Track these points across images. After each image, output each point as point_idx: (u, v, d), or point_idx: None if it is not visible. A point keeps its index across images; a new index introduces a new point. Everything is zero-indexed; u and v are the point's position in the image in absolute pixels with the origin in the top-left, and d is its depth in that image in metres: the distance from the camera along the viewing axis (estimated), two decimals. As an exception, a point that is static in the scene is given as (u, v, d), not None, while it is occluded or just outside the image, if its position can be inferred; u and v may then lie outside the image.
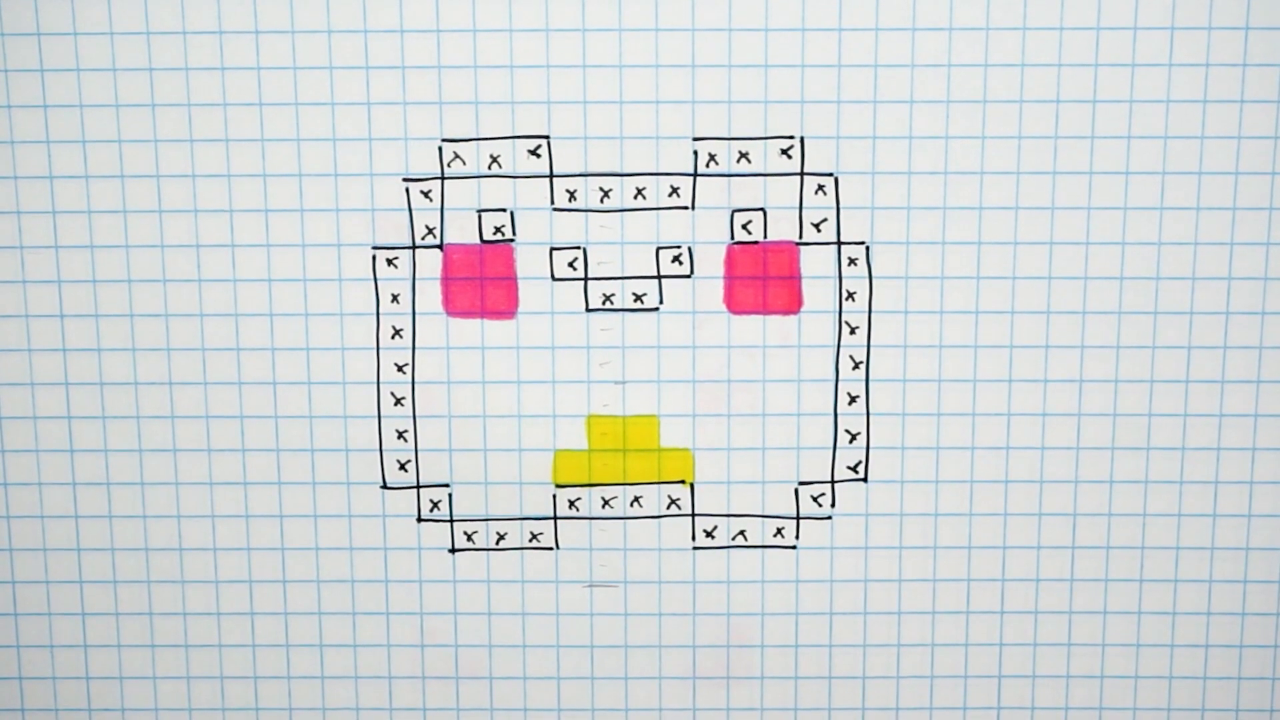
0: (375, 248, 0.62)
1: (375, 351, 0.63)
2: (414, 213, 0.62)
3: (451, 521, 0.66)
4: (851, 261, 0.62)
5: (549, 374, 0.64)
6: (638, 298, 0.63)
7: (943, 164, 0.61)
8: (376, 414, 0.64)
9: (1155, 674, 0.67)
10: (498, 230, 0.62)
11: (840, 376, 0.64)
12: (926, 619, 0.66)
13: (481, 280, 0.63)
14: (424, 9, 0.60)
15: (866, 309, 0.63)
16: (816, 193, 0.62)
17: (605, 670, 0.67)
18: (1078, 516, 0.65)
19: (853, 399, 0.64)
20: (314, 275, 0.63)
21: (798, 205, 0.62)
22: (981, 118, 0.61)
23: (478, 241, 0.62)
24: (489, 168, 0.62)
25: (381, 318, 0.63)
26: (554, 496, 0.65)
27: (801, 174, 0.61)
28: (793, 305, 0.63)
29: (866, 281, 0.62)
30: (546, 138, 0.61)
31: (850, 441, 0.64)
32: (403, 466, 0.65)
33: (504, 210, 0.62)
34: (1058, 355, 0.63)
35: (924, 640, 0.67)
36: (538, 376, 0.64)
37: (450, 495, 0.65)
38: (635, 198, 0.62)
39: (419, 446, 0.65)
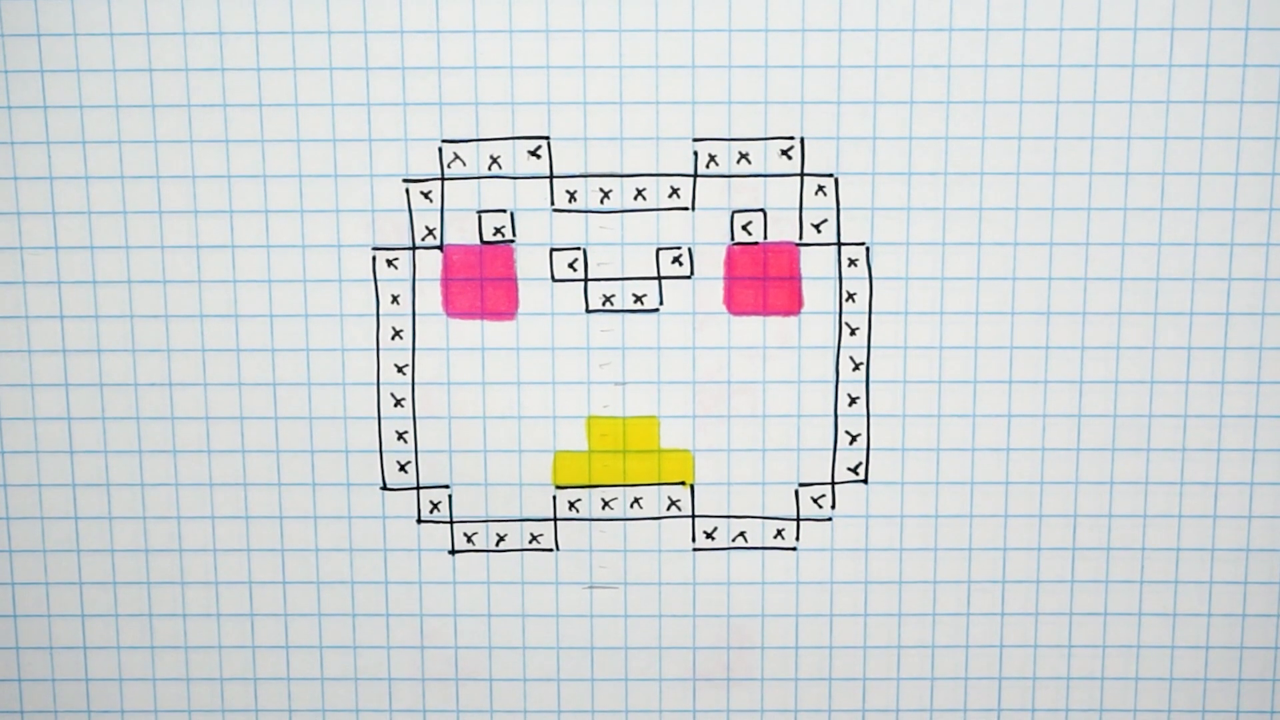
0: (375, 248, 0.62)
1: (375, 352, 0.63)
2: (414, 213, 0.62)
3: (451, 523, 0.65)
4: (852, 262, 0.62)
5: (549, 375, 0.64)
6: (638, 299, 0.63)
7: (943, 165, 0.61)
8: (376, 415, 0.64)
9: (1156, 676, 0.67)
10: (498, 231, 0.62)
11: (840, 378, 0.64)
12: (927, 620, 0.66)
13: (481, 281, 0.63)
14: (424, 9, 0.60)
15: (867, 310, 0.63)
16: (816, 193, 0.62)
17: (605, 672, 0.67)
18: (1078, 518, 0.65)
19: (853, 400, 0.64)
20: (314, 276, 0.63)
21: (798, 206, 0.62)
22: (981, 118, 0.61)
23: (478, 242, 0.62)
24: (489, 169, 0.62)
25: (381, 319, 0.63)
26: (554, 498, 0.65)
27: (801, 175, 0.61)
28: (793, 306, 0.63)
29: (867, 282, 0.62)
30: (546, 138, 0.61)
31: (850, 443, 0.64)
32: (402, 468, 0.65)
33: (504, 211, 0.62)
34: (1058, 356, 0.63)
35: (924, 642, 0.67)
36: (538, 377, 0.64)
37: (450, 496, 0.65)
38: (635, 199, 0.62)
39: (419, 448, 0.64)
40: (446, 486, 0.65)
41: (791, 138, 0.61)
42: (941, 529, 0.65)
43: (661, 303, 0.63)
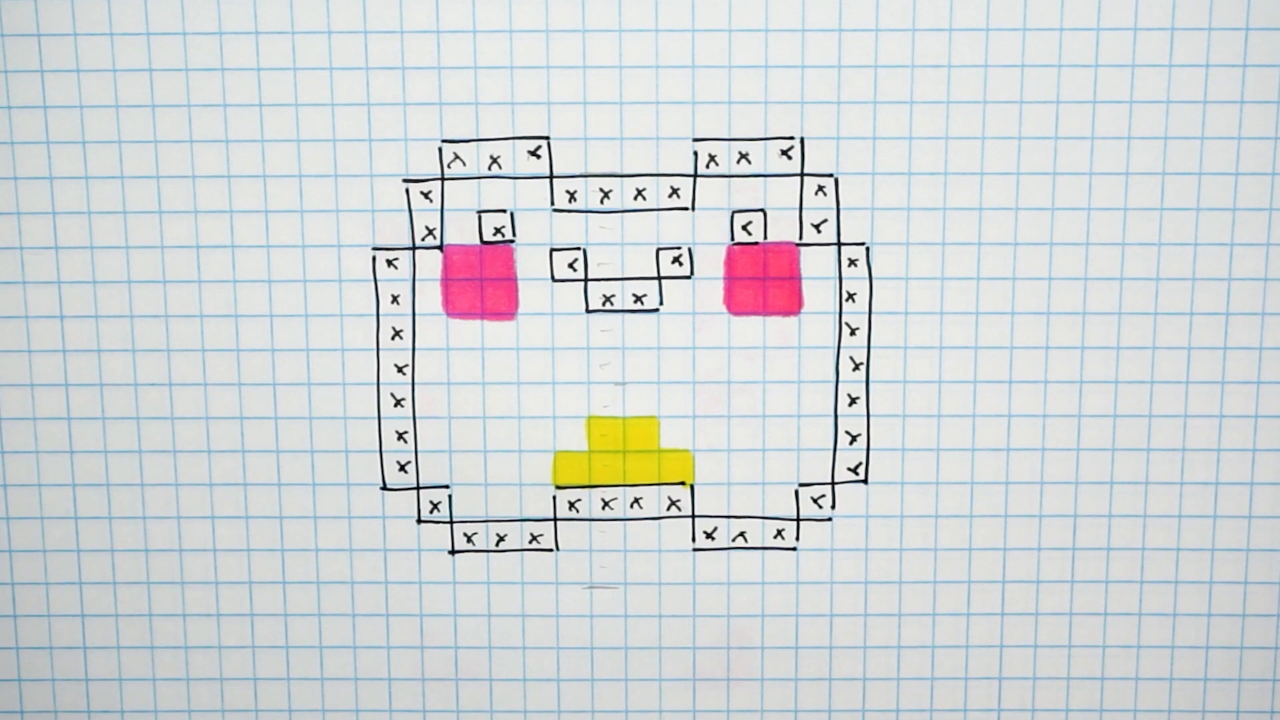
0: (375, 248, 0.62)
1: (375, 352, 0.63)
2: (414, 213, 0.62)
3: (451, 523, 0.65)
4: (851, 262, 0.62)
5: (549, 375, 0.64)
6: (638, 299, 0.63)
7: (943, 165, 0.61)
8: (376, 415, 0.64)
9: (1156, 676, 0.67)
10: (498, 231, 0.62)
11: (840, 378, 0.64)
12: (927, 621, 0.66)
13: (481, 281, 0.63)
14: (424, 9, 0.60)
15: (867, 310, 0.63)
16: (816, 194, 0.62)
17: (605, 672, 0.67)
18: (1078, 518, 0.65)
19: (853, 400, 0.64)
20: (314, 276, 0.63)
21: (798, 206, 0.62)
22: (981, 118, 0.61)
23: (478, 242, 0.62)
24: (489, 169, 0.62)
25: (381, 319, 0.63)
26: (554, 498, 0.65)
27: (801, 175, 0.61)
28: (793, 306, 0.63)
29: (867, 282, 0.62)
30: (546, 138, 0.61)
31: (850, 443, 0.64)
32: (402, 468, 0.65)
33: (504, 211, 0.62)
34: (1058, 356, 0.63)
35: (924, 642, 0.67)
36: (538, 378, 0.64)
37: (450, 497, 0.65)
38: (635, 199, 0.62)
39: (419, 448, 0.64)
40: (446, 486, 0.65)
41: (791, 138, 0.61)
42: (941, 529, 0.65)
43: (661, 303, 0.63)
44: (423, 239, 0.62)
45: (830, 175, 0.61)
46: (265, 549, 0.66)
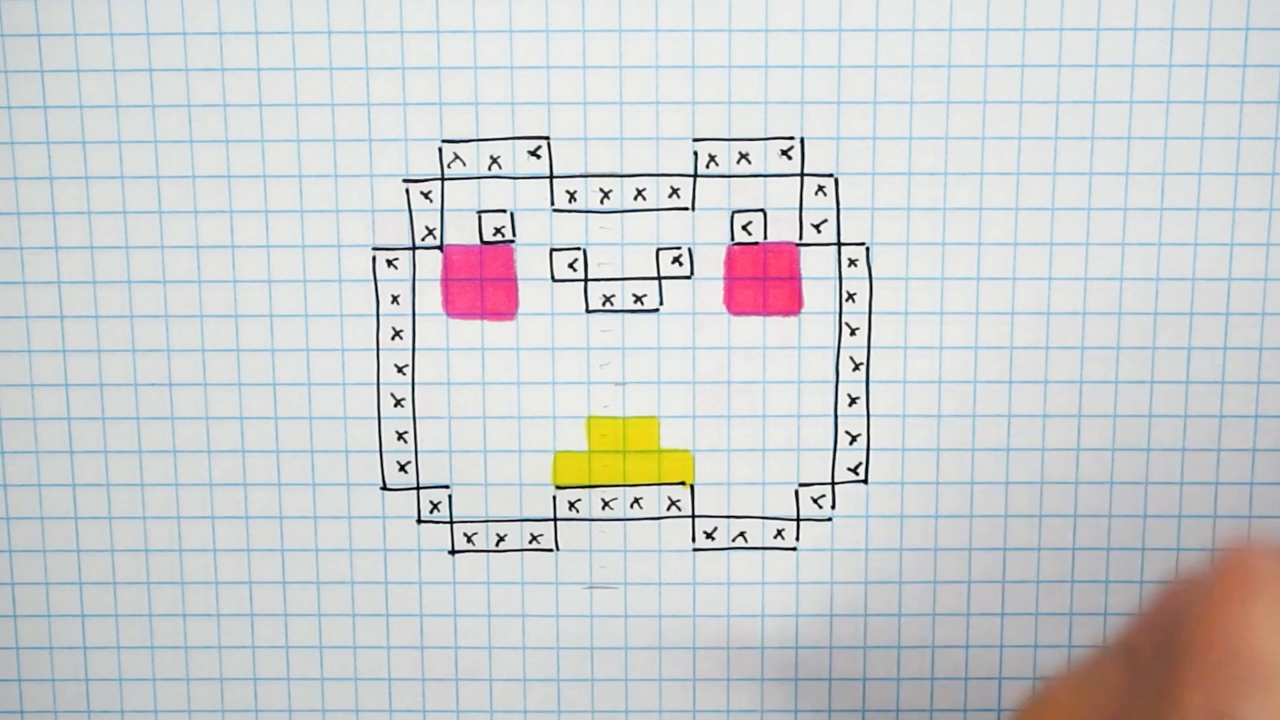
0: (375, 249, 0.62)
1: (375, 353, 0.63)
2: (414, 214, 0.62)
3: (451, 523, 0.65)
4: (852, 263, 0.62)
5: (549, 375, 0.64)
6: (638, 299, 0.63)
7: (943, 165, 0.61)
8: (376, 415, 0.64)
9: (1156, 676, 0.67)
10: (498, 231, 0.62)
11: (840, 378, 0.64)
12: (927, 621, 0.66)
13: (481, 281, 0.63)
14: (424, 9, 0.60)
15: (867, 310, 0.63)
16: (816, 194, 0.62)
17: (605, 672, 0.67)
18: (1078, 518, 0.65)
19: (853, 400, 0.64)
20: (314, 276, 0.63)
21: (798, 206, 0.62)
22: (981, 119, 0.61)
23: (478, 242, 0.62)
24: (489, 169, 0.62)
25: (381, 319, 0.63)
26: (554, 498, 0.65)
27: (801, 175, 0.61)
28: (793, 306, 0.63)
29: (867, 283, 0.62)
30: (546, 139, 0.61)
31: (850, 443, 0.64)
32: (402, 468, 0.65)
33: (504, 211, 0.62)
34: (1058, 356, 0.63)
35: (924, 642, 0.66)
36: (538, 378, 0.64)
37: (450, 497, 0.65)
38: (635, 199, 0.62)
39: (419, 448, 0.64)
40: (446, 486, 0.65)
41: (791, 138, 0.61)
42: (941, 529, 0.65)
43: (661, 303, 0.63)
44: (423, 239, 0.62)
45: (830, 175, 0.61)
46: (265, 549, 0.66)
